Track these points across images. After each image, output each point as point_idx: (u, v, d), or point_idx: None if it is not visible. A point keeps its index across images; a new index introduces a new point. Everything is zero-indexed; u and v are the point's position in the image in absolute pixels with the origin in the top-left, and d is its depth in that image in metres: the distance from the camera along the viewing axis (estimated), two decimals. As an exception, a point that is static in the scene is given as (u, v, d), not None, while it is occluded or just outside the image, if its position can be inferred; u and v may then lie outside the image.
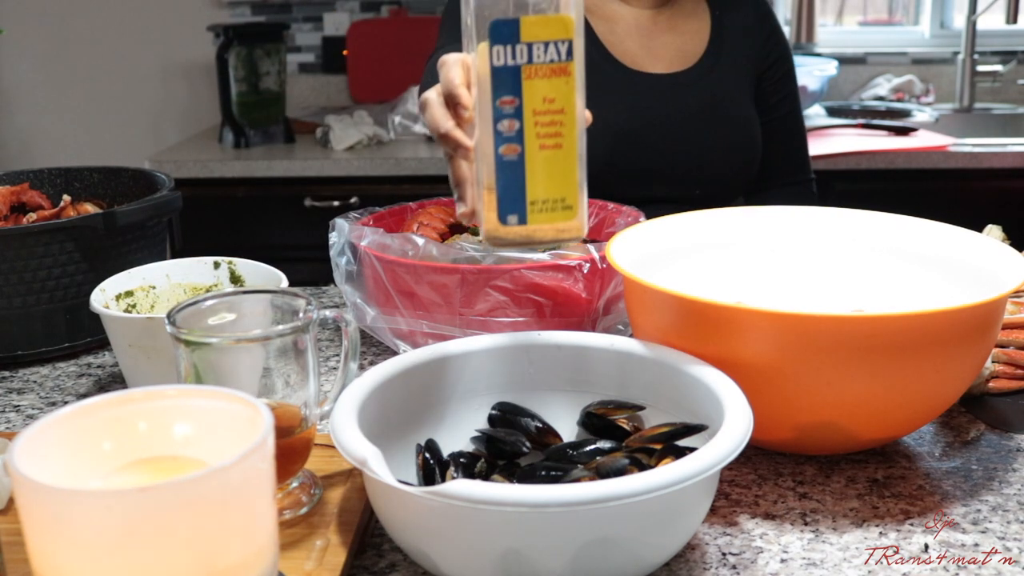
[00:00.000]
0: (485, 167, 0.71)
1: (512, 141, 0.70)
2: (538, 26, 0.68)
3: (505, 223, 0.72)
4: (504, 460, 0.78)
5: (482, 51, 0.69)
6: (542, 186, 0.71)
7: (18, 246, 1.06)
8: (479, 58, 0.69)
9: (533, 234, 0.73)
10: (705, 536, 0.74)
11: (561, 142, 0.70)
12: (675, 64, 1.43)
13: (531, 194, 0.71)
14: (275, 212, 2.59)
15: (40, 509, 0.49)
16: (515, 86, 0.69)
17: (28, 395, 1.03)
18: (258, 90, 2.71)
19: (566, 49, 0.69)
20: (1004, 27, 2.79)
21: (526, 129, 0.70)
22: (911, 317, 0.74)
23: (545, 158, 0.70)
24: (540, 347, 0.83)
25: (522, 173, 0.70)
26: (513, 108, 0.69)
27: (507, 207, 0.71)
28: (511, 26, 0.68)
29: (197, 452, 0.58)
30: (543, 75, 0.69)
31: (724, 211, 1.03)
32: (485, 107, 0.70)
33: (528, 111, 0.69)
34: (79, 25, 3.12)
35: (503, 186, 0.70)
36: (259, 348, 0.71)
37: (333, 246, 1.10)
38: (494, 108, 0.69)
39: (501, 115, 0.69)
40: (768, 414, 0.77)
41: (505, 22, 0.68)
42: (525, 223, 0.72)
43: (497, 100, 0.69)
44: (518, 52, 0.68)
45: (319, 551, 0.69)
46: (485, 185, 0.72)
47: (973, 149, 2.37)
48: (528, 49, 0.68)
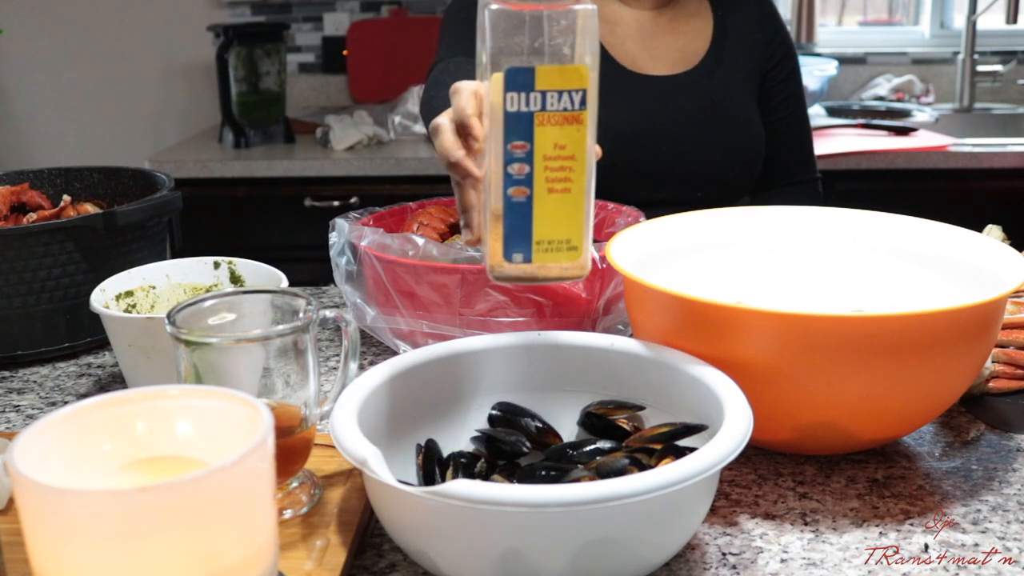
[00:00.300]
0: (493, 198, 0.72)
1: (521, 184, 0.71)
2: (553, 75, 0.69)
3: (510, 260, 0.73)
4: (504, 460, 0.78)
5: (495, 82, 0.69)
6: (548, 228, 0.72)
7: (18, 246, 1.06)
8: (492, 89, 0.70)
9: (537, 272, 0.74)
10: (705, 536, 0.74)
11: (570, 187, 0.71)
12: (676, 66, 1.43)
13: (537, 235, 0.72)
14: (275, 212, 2.59)
15: (40, 509, 0.49)
16: (527, 132, 0.70)
17: (28, 395, 1.03)
18: (258, 90, 2.71)
19: (580, 98, 0.69)
20: (1004, 27, 2.79)
21: (536, 173, 0.71)
22: (911, 317, 0.74)
23: (553, 201, 0.71)
24: (540, 347, 0.83)
25: (529, 214, 0.71)
26: (524, 153, 0.70)
27: (513, 245, 0.72)
28: (527, 74, 0.69)
29: (197, 452, 0.58)
30: (555, 123, 0.70)
31: (724, 211, 1.03)
32: (496, 142, 0.71)
33: (539, 156, 0.70)
34: (79, 25, 3.12)
35: (510, 225, 0.71)
36: (259, 348, 0.71)
37: (333, 246, 1.10)
38: (505, 151, 0.70)
39: (512, 159, 0.70)
40: (768, 414, 0.77)
41: (521, 70, 0.69)
42: (530, 261, 0.73)
43: (509, 144, 0.70)
44: (532, 100, 0.69)
45: (319, 551, 0.69)
46: (492, 215, 0.73)
47: (973, 149, 2.37)
48: (542, 97, 0.69)
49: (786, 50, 1.49)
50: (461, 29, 1.41)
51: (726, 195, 1.42)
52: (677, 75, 1.42)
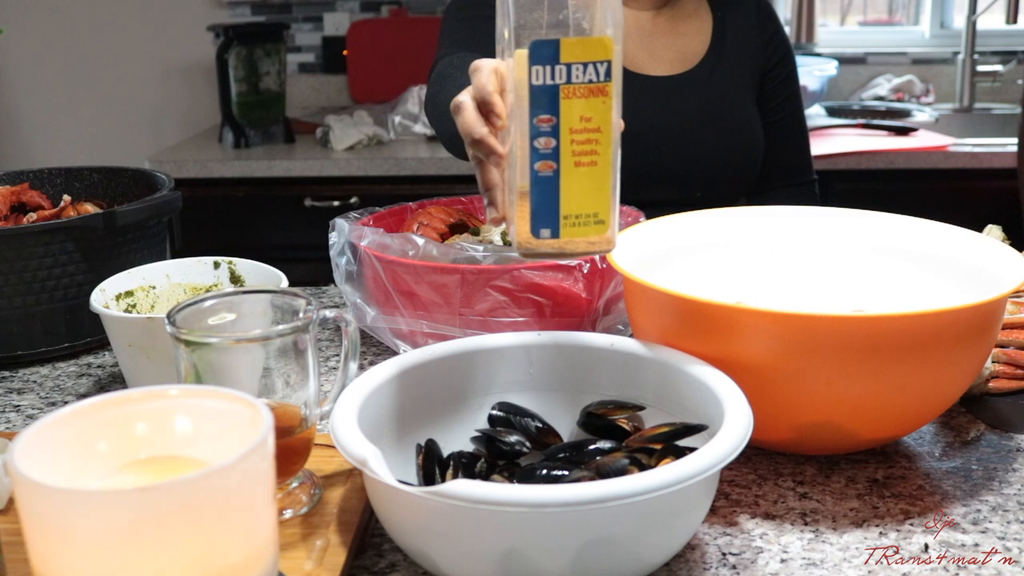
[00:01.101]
0: (519, 175, 0.72)
1: (548, 158, 0.70)
2: (578, 47, 0.69)
3: (538, 236, 0.73)
4: (504, 460, 0.78)
5: (519, 58, 0.69)
6: (575, 202, 0.72)
7: (18, 246, 1.06)
8: (516, 65, 0.69)
9: (565, 246, 0.73)
10: (705, 536, 0.74)
11: (596, 159, 0.71)
12: (676, 66, 1.43)
13: (564, 209, 0.72)
14: (275, 212, 2.59)
15: (40, 509, 0.49)
16: (553, 105, 0.69)
17: (28, 395, 1.03)
18: (258, 90, 2.71)
19: (604, 70, 0.69)
20: (1004, 27, 2.79)
21: (562, 147, 0.70)
22: (911, 317, 0.74)
23: (580, 175, 0.71)
24: (540, 347, 0.83)
25: (556, 189, 0.71)
26: (550, 126, 0.70)
27: (540, 221, 0.72)
28: (551, 47, 0.68)
29: (197, 452, 0.58)
30: (581, 95, 0.69)
31: (724, 211, 1.03)
32: (522, 117, 0.70)
33: (565, 129, 0.70)
34: (79, 25, 3.12)
35: (537, 200, 0.71)
36: (259, 348, 0.71)
37: (333, 246, 1.10)
38: (531, 125, 0.70)
39: (538, 132, 0.70)
40: (768, 414, 0.77)
41: (545, 43, 0.68)
42: (558, 237, 0.73)
43: (535, 118, 0.70)
44: (557, 72, 0.69)
45: (319, 551, 0.69)
46: (518, 192, 0.72)
47: (973, 149, 2.37)
48: (567, 70, 0.69)
49: (784, 52, 1.49)
50: (462, 28, 1.41)
51: (726, 195, 1.43)
52: (677, 75, 1.42)
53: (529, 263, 0.99)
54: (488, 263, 1.00)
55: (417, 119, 2.72)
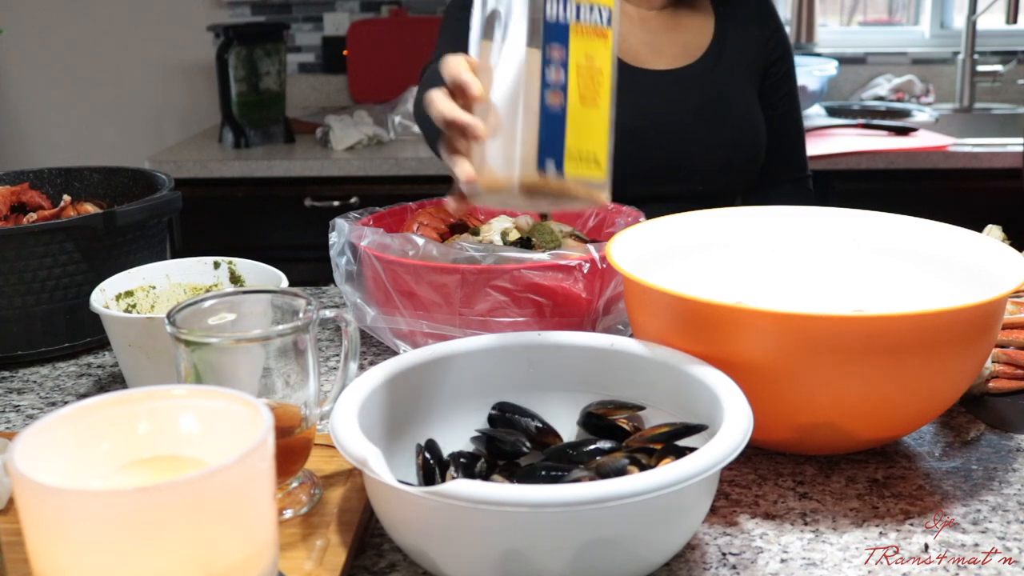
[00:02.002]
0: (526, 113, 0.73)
1: (557, 89, 0.73)
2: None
3: (543, 168, 0.74)
4: (504, 460, 0.78)
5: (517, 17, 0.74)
6: (579, 138, 0.74)
7: (18, 246, 1.06)
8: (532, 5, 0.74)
9: (566, 186, 0.75)
10: (705, 536, 0.74)
11: (598, 101, 0.75)
12: (678, 60, 1.44)
13: (569, 143, 0.74)
14: (275, 212, 2.59)
15: (40, 509, 0.49)
16: (563, 38, 0.73)
17: (28, 395, 1.03)
18: (258, 90, 2.71)
19: (607, 16, 0.75)
20: (1004, 27, 2.79)
21: (570, 81, 0.74)
22: (911, 317, 0.74)
23: (584, 113, 0.74)
24: (540, 347, 0.83)
25: (563, 122, 0.73)
26: (560, 58, 0.73)
27: (547, 152, 0.73)
28: None
29: (197, 452, 0.58)
30: (587, 34, 0.74)
31: (724, 211, 1.03)
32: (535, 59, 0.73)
33: (573, 64, 0.74)
34: (79, 25, 3.12)
35: (546, 132, 0.73)
36: (259, 348, 0.71)
37: (333, 246, 1.10)
38: (544, 57, 0.73)
39: (549, 62, 0.73)
40: (768, 414, 0.77)
41: None
42: (562, 171, 0.74)
43: (548, 47, 0.73)
44: (569, 8, 0.74)
45: (319, 551, 0.69)
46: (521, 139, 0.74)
47: (973, 149, 2.37)
48: (577, 8, 0.74)
49: (784, 49, 1.50)
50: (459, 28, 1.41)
51: (728, 189, 1.43)
52: (678, 69, 1.43)
53: (529, 263, 0.99)
54: (488, 263, 1.00)
55: (417, 119, 2.71)
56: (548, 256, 1.00)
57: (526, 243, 1.11)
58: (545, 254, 1.00)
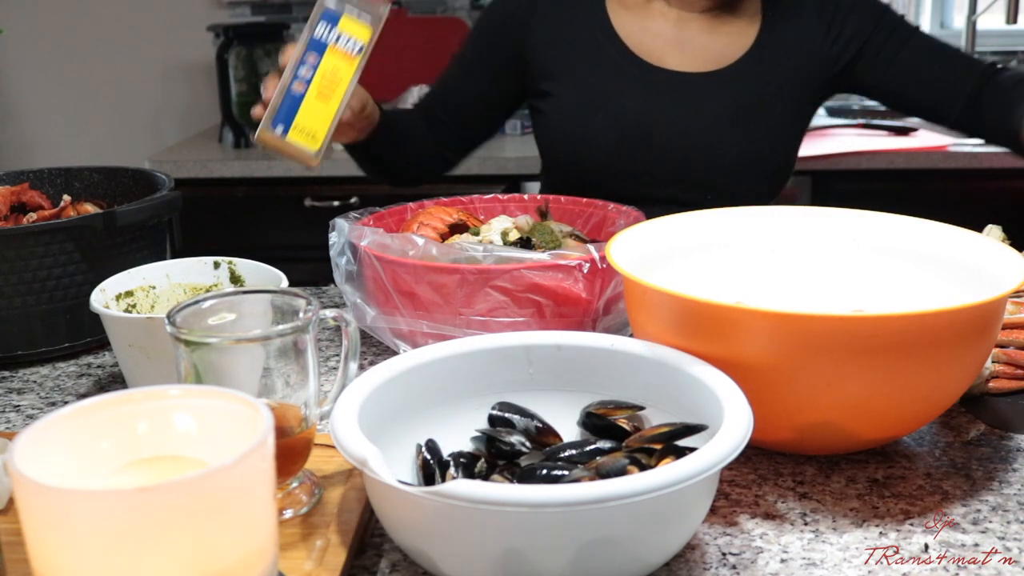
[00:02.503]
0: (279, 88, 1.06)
1: (303, 81, 1.05)
2: (350, 25, 1.06)
3: (273, 129, 1.05)
4: (504, 460, 0.78)
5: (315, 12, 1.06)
6: (306, 118, 1.06)
7: (18, 246, 1.06)
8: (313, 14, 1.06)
9: (282, 147, 1.06)
10: (705, 536, 0.74)
11: (330, 100, 1.06)
12: (707, 65, 1.39)
13: (298, 119, 1.06)
14: (275, 212, 2.59)
15: (40, 509, 0.49)
16: (321, 51, 1.05)
17: (28, 395, 1.03)
18: (258, 90, 2.70)
19: (359, 48, 1.06)
20: (1004, 27, 2.78)
21: (314, 80, 1.05)
22: (911, 317, 0.74)
23: (317, 104, 1.06)
24: (540, 347, 0.83)
25: (299, 104, 1.05)
26: (313, 63, 1.05)
27: (280, 119, 1.06)
28: (335, 17, 1.05)
29: (197, 452, 0.58)
30: (339, 55, 1.06)
31: (724, 211, 1.03)
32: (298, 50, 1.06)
33: (320, 70, 1.05)
34: (79, 25, 3.12)
35: (285, 107, 1.06)
36: (259, 348, 0.71)
37: (333, 246, 1.10)
38: (301, 59, 1.05)
39: (303, 64, 1.05)
40: (768, 414, 0.77)
41: (332, 13, 1.05)
42: (285, 136, 1.06)
43: (307, 53, 1.05)
44: (332, 34, 1.05)
45: (319, 551, 0.69)
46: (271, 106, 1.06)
47: (973, 149, 2.37)
48: (338, 36, 1.05)
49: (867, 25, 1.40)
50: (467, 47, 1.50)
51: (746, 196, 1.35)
52: (703, 73, 1.39)
53: (529, 263, 0.99)
54: (488, 263, 1.00)
55: (417, 119, 2.71)
56: (548, 256, 1.00)
57: (526, 243, 1.11)
58: (545, 254, 1.00)
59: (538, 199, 1.27)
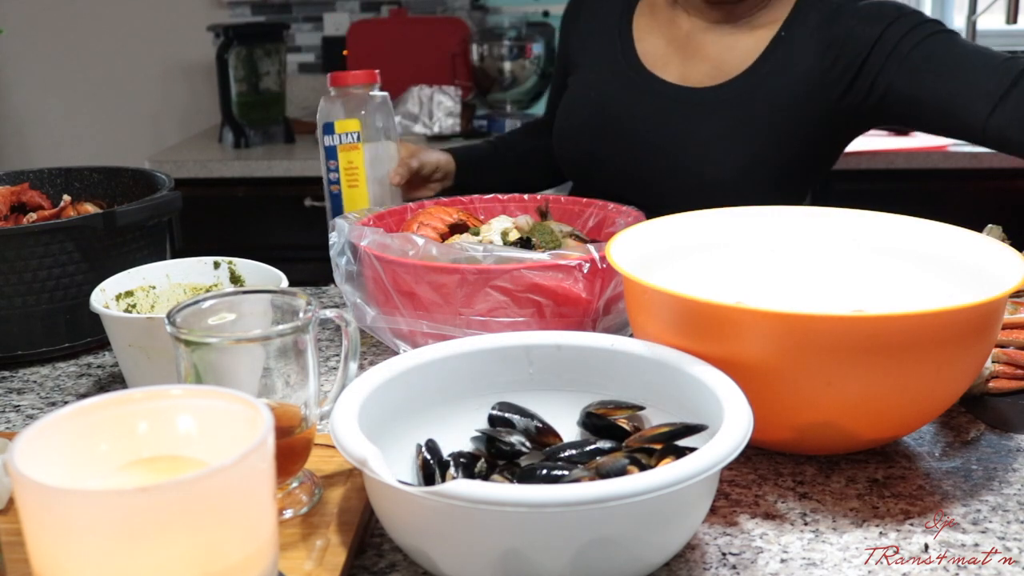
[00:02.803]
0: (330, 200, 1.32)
1: (335, 183, 1.29)
2: (343, 125, 1.28)
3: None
4: (504, 460, 0.78)
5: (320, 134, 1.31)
6: (350, 205, 1.29)
7: (18, 246, 1.06)
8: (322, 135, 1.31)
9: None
10: (705, 536, 0.74)
11: (357, 184, 1.29)
12: (702, 80, 1.37)
13: (346, 207, 1.29)
14: (275, 212, 2.59)
15: (40, 509, 0.49)
16: (334, 155, 1.29)
17: (28, 395, 1.03)
18: (258, 90, 2.71)
19: (356, 136, 1.28)
20: (1004, 27, 2.79)
21: (340, 177, 1.29)
22: (911, 317, 0.74)
23: (350, 192, 1.29)
24: (540, 347, 0.83)
25: (341, 199, 1.29)
26: (334, 167, 1.29)
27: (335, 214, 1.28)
28: (331, 125, 1.28)
29: (197, 452, 0.58)
30: (347, 149, 1.28)
31: (724, 211, 1.03)
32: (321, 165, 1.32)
33: (341, 167, 1.29)
34: (79, 25, 3.12)
35: (333, 206, 1.30)
36: (259, 348, 0.71)
37: (333, 246, 1.10)
38: (325, 167, 1.30)
39: (329, 170, 1.29)
40: (768, 414, 0.77)
41: (328, 124, 1.28)
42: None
43: (328, 162, 1.29)
44: (335, 137, 1.28)
45: (319, 551, 0.69)
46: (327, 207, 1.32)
47: (973, 149, 2.37)
48: (340, 136, 1.28)
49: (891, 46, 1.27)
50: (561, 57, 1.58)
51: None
52: (690, 88, 1.37)
53: (529, 263, 0.99)
54: (488, 263, 1.00)
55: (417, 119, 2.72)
56: (548, 256, 1.00)
57: (526, 243, 1.11)
58: (545, 254, 1.00)
59: (538, 199, 1.27)
